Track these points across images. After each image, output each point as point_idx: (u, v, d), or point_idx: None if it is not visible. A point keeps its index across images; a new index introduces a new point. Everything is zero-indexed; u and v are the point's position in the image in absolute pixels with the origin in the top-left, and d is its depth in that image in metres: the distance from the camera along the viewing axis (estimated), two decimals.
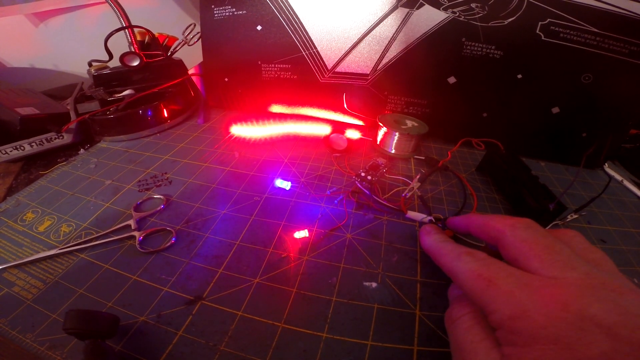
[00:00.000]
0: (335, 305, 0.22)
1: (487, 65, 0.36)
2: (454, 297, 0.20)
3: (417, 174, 0.34)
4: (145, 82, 0.48)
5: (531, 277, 0.15)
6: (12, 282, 0.23)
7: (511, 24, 0.34)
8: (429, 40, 0.37)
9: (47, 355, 0.19)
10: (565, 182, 0.36)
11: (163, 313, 0.21)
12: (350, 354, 0.19)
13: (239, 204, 0.31)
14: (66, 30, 0.63)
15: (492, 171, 0.35)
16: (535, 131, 0.39)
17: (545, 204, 0.27)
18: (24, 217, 0.29)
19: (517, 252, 0.17)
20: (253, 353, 0.19)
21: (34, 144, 0.38)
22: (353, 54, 0.41)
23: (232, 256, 0.25)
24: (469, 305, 0.17)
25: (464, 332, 0.16)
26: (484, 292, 0.15)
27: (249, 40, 0.44)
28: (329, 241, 0.27)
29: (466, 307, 0.17)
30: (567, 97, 0.36)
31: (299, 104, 0.47)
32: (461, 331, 0.17)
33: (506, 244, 0.17)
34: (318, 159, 0.38)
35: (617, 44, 0.32)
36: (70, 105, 0.43)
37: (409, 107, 0.42)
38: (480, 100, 0.39)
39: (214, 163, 0.37)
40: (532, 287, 0.14)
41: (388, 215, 0.30)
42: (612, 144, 0.36)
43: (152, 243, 0.27)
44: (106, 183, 0.34)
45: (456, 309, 0.18)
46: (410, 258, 0.26)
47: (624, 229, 0.31)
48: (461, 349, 0.16)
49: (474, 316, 0.17)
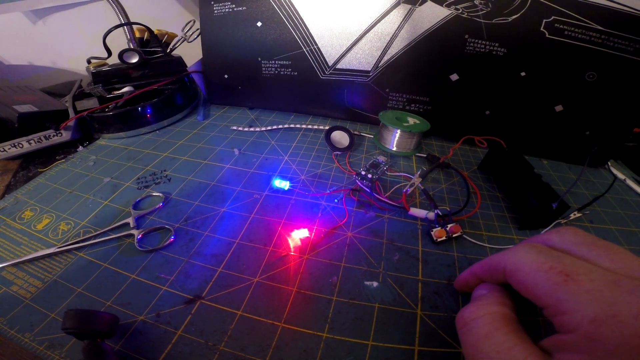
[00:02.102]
0: (336, 305, 0.22)
1: (490, 63, 0.36)
2: (476, 297, 0.18)
3: (418, 171, 0.34)
4: (145, 79, 0.48)
5: (617, 276, 0.13)
6: (10, 281, 0.23)
7: (515, 21, 0.34)
8: (432, 37, 0.37)
9: (46, 354, 0.19)
10: (568, 181, 0.36)
11: (162, 312, 0.21)
12: (351, 354, 0.19)
13: (238, 202, 0.30)
14: (65, 27, 0.62)
15: (495, 169, 0.35)
16: (538, 129, 0.38)
17: (549, 203, 0.27)
18: (22, 215, 0.29)
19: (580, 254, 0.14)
20: (253, 353, 0.19)
21: (33, 142, 0.38)
22: (354, 51, 0.41)
23: (232, 255, 0.25)
24: (490, 305, 0.16)
25: (485, 336, 0.14)
26: (559, 288, 0.13)
27: (249, 37, 0.44)
28: (329, 240, 0.27)
29: (485, 307, 0.16)
30: (570, 95, 0.35)
31: (299, 100, 0.47)
32: (480, 334, 0.15)
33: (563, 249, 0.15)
34: (318, 156, 0.38)
35: (622, 42, 0.32)
36: (68, 102, 0.43)
37: (411, 104, 0.42)
38: (483, 98, 0.38)
39: (214, 160, 0.37)
40: (623, 287, 0.12)
41: (389, 213, 0.29)
42: (617, 143, 0.36)
43: (150, 241, 0.26)
44: (105, 180, 0.33)
45: (472, 308, 0.16)
46: (412, 257, 0.25)
47: (627, 228, 0.30)
48: (483, 355, 0.14)
49: (496, 318, 0.15)
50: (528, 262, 0.15)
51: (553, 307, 0.13)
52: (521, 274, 0.15)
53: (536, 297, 0.14)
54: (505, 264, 0.16)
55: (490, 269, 0.18)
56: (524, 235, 0.28)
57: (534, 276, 0.14)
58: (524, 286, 0.15)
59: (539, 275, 0.14)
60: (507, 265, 0.16)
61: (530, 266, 0.14)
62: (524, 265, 0.15)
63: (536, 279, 0.14)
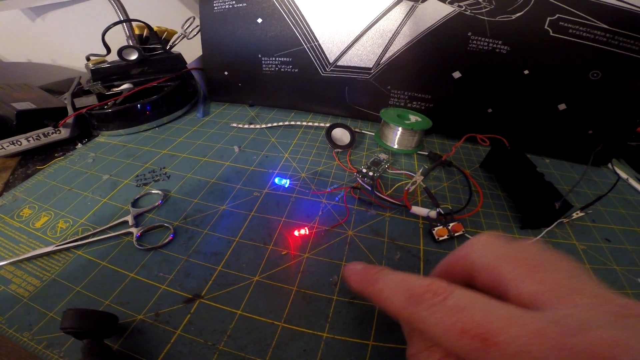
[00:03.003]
0: (337, 304, 0.22)
1: (493, 61, 0.36)
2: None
3: (420, 169, 0.33)
4: (144, 76, 0.47)
5: (541, 322, 0.11)
6: (8, 279, 0.23)
7: (519, 19, 0.33)
8: (434, 34, 0.37)
9: (44, 354, 0.19)
10: (571, 180, 0.36)
11: (161, 311, 0.21)
12: (352, 354, 0.19)
13: (238, 200, 0.30)
14: (63, 24, 0.62)
15: (497, 168, 0.35)
16: (541, 128, 0.38)
17: (552, 202, 0.27)
18: (20, 213, 0.29)
19: (495, 274, 0.13)
20: (252, 353, 0.19)
21: (31, 139, 0.37)
22: (356, 48, 0.40)
23: (231, 253, 0.25)
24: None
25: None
26: (483, 356, 0.11)
27: (249, 33, 0.43)
28: (330, 238, 0.26)
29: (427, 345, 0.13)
30: (574, 94, 0.35)
31: (300, 98, 0.47)
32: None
33: (479, 268, 0.13)
34: (319, 154, 0.37)
35: (627, 40, 0.31)
36: (67, 99, 0.43)
37: (412, 102, 0.42)
38: (486, 96, 0.38)
39: (213, 158, 0.37)
40: (548, 338, 0.10)
41: (391, 211, 0.29)
42: (620, 142, 0.36)
43: (150, 239, 0.26)
44: (104, 178, 0.33)
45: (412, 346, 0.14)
46: (413, 256, 0.25)
47: (629, 227, 0.30)
48: None
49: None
50: (437, 324, 0.12)
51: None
52: (434, 339, 0.13)
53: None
54: (414, 326, 0.14)
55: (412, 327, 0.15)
56: (526, 234, 0.28)
57: (450, 342, 0.12)
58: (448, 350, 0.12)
59: (453, 340, 0.12)
60: (419, 329, 0.14)
61: (438, 330, 0.12)
62: (432, 330, 0.12)
63: (453, 344, 0.12)
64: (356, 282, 0.17)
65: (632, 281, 0.25)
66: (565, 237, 0.28)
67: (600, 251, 0.27)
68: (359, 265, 0.18)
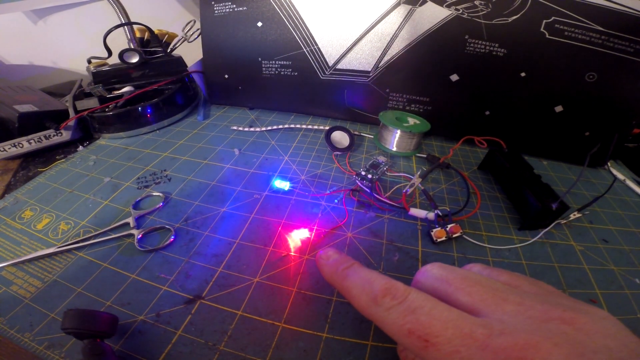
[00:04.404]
0: (336, 305, 0.22)
1: (490, 63, 0.36)
2: None
3: (418, 171, 0.34)
4: (145, 79, 0.48)
5: (471, 325, 0.12)
6: (10, 280, 0.23)
7: (515, 22, 0.34)
8: (432, 38, 0.37)
9: (45, 354, 0.19)
10: (568, 181, 0.36)
11: (162, 312, 0.21)
12: (351, 354, 0.19)
13: (238, 202, 0.30)
14: (65, 27, 0.62)
15: (494, 169, 0.35)
16: (538, 130, 0.38)
17: (548, 203, 0.27)
18: (22, 215, 0.29)
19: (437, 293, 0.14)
20: (253, 353, 0.19)
21: (33, 142, 0.38)
22: (354, 51, 0.41)
23: (232, 255, 0.25)
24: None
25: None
26: (424, 354, 0.12)
27: (250, 37, 0.44)
28: (329, 240, 0.27)
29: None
30: (570, 96, 0.35)
31: (300, 101, 0.47)
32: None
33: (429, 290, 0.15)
34: (319, 156, 0.38)
35: (622, 42, 0.32)
36: (69, 102, 0.43)
37: (411, 105, 0.42)
38: (483, 98, 0.39)
39: (214, 160, 0.37)
40: (476, 341, 0.12)
41: (389, 213, 0.29)
42: (616, 143, 0.36)
43: (151, 241, 0.26)
44: (105, 180, 0.33)
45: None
46: (412, 257, 0.25)
47: (627, 228, 0.30)
48: None
49: None
50: (390, 324, 0.14)
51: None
52: (391, 336, 0.14)
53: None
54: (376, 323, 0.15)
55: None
56: (524, 235, 0.28)
57: (401, 341, 0.13)
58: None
59: (402, 340, 0.13)
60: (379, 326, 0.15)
61: (392, 329, 0.13)
62: (387, 328, 0.14)
63: (402, 343, 0.13)
64: (327, 273, 0.18)
65: (630, 281, 0.25)
66: (562, 238, 0.28)
67: (597, 252, 0.27)
68: (332, 255, 0.19)
